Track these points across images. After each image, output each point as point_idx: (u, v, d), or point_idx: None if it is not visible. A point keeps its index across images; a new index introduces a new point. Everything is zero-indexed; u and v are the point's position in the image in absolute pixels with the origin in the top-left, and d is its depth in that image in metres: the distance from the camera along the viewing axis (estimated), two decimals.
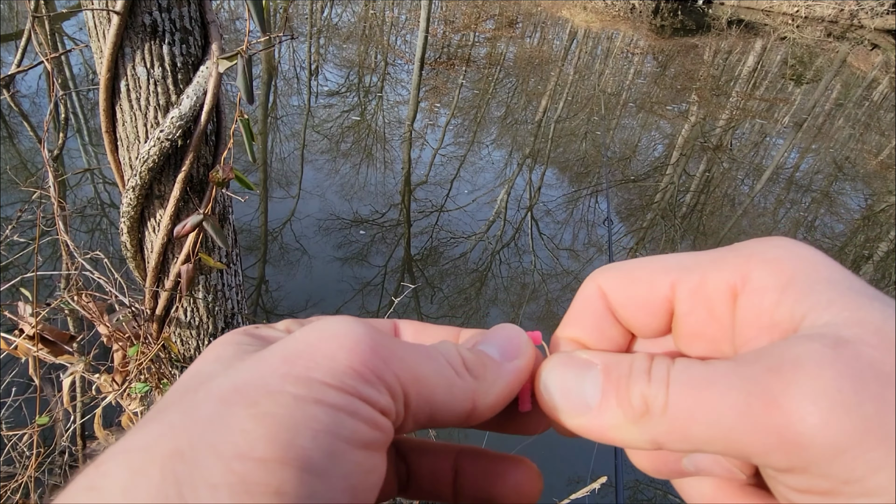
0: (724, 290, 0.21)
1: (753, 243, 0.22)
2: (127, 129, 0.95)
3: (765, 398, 0.17)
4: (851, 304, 0.18)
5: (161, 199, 1.00)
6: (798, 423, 0.16)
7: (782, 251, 0.21)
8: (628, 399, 0.20)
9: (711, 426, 0.18)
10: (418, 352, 0.22)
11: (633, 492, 2.53)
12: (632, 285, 0.24)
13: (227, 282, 1.17)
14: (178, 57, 0.91)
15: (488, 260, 3.94)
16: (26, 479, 1.24)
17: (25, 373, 1.42)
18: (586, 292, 0.25)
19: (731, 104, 8.44)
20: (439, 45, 8.92)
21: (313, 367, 0.18)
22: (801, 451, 0.17)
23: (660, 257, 0.24)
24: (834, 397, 0.16)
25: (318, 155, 4.81)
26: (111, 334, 1.14)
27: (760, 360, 0.18)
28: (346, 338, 0.20)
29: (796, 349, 0.18)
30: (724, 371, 0.19)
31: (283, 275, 3.38)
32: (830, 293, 0.19)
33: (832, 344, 0.17)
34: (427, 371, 0.21)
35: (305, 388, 0.18)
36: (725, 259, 0.22)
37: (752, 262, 0.21)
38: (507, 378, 0.24)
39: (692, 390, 0.19)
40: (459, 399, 0.22)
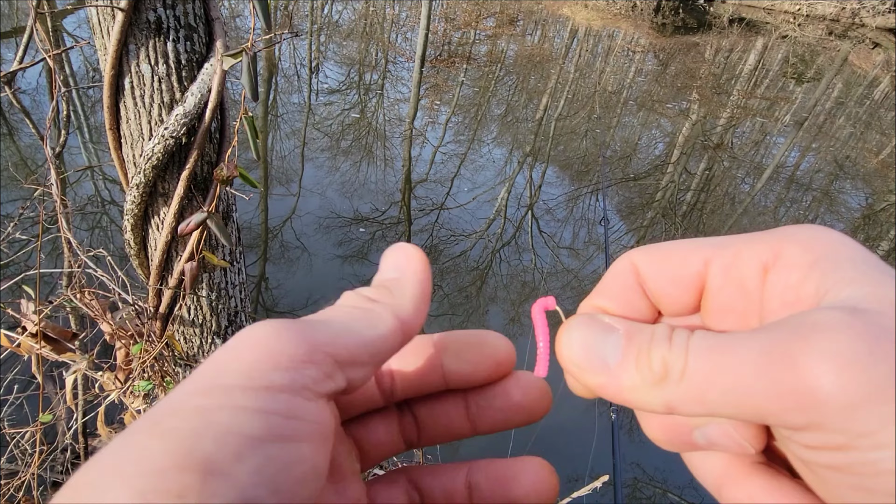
0: (756, 266, 0.22)
1: (786, 227, 0.23)
2: (131, 126, 0.95)
3: (783, 359, 0.18)
4: (871, 281, 0.19)
5: (165, 197, 1.00)
6: (815, 380, 0.17)
7: (813, 233, 0.22)
8: (648, 362, 0.21)
9: (729, 390, 0.19)
10: (325, 313, 0.23)
11: (632, 489, 2.53)
12: (665, 261, 0.25)
13: (230, 280, 1.17)
14: (182, 54, 0.91)
15: (488, 258, 3.94)
16: (29, 476, 1.24)
17: (27, 371, 1.42)
18: (619, 267, 0.26)
19: (731, 102, 8.43)
20: (440, 42, 8.91)
21: (220, 374, 0.19)
22: (818, 408, 0.17)
23: (693, 239, 0.25)
24: (849, 357, 0.17)
25: (319, 153, 4.81)
26: (114, 332, 1.14)
27: (780, 326, 0.19)
28: (254, 336, 0.20)
29: (815, 315, 0.19)
30: (743, 338, 0.20)
31: (283, 272, 3.38)
32: (853, 271, 0.20)
33: (850, 312, 0.18)
34: (337, 324, 0.22)
35: (210, 397, 0.18)
36: (759, 238, 0.23)
37: (784, 242, 0.22)
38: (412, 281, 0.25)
39: (712, 355, 0.20)
40: (383, 324, 0.23)
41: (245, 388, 0.18)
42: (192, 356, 1.22)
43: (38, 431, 1.19)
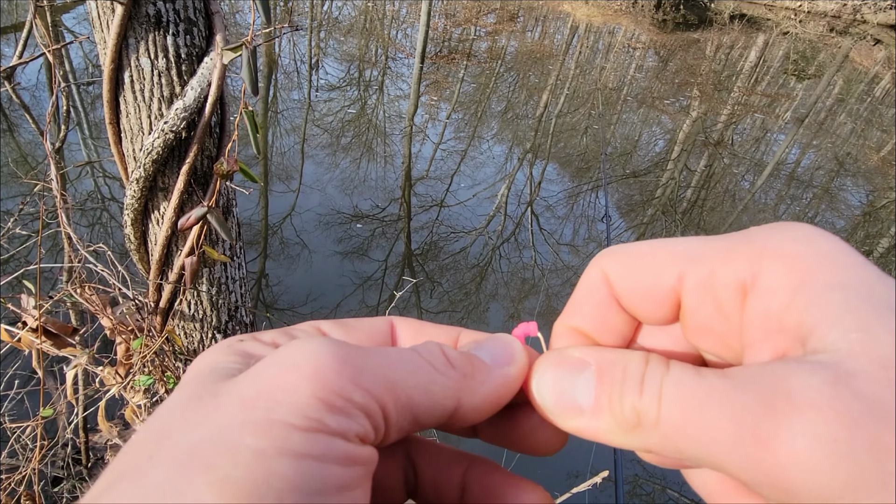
0: (733, 287, 0.20)
1: (770, 232, 0.21)
2: (131, 120, 0.94)
3: (756, 435, 0.16)
4: (863, 321, 0.17)
5: (165, 192, 1.00)
6: (789, 468, 0.16)
7: (800, 247, 0.19)
8: (621, 410, 0.20)
9: (702, 448, 0.18)
10: (389, 356, 0.21)
11: (633, 486, 2.54)
12: (637, 274, 0.23)
13: (230, 275, 1.17)
14: (182, 48, 0.90)
15: (488, 255, 3.94)
16: (29, 471, 1.25)
17: (27, 366, 1.42)
18: (590, 279, 0.24)
19: (732, 99, 8.42)
20: (440, 39, 8.89)
21: (274, 407, 0.17)
22: (790, 496, 0.16)
23: (667, 242, 0.23)
24: (829, 446, 0.15)
25: (319, 149, 4.80)
26: (114, 327, 1.14)
27: (756, 385, 0.17)
28: (306, 364, 0.18)
29: (794, 382, 0.17)
30: (717, 391, 0.18)
31: (283, 269, 3.38)
32: (843, 305, 0.18)
33: (832, 380, 0.16)
34: (401, 373, 0.20)
35: (266, 437, 0.17)
36: (737, 251, 0.20)
37: (764, 258, 0.20)
38: (497, 381, 0.23)
39: (684, 408, 0.18)
40: (440, 397, 0.21)
41: (302, 431, 0.17)
42: (193, 350, 1.22)
43: (39, 426, 1.19)
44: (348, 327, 0.26)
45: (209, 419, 0.17)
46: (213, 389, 0.19)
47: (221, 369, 0.20)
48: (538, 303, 3.59)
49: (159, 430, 0.18)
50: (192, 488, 0.15)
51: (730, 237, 0.21)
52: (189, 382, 0.20)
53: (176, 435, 0.17)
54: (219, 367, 0.21)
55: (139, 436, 0.18)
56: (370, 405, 0.19)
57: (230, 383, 0.19)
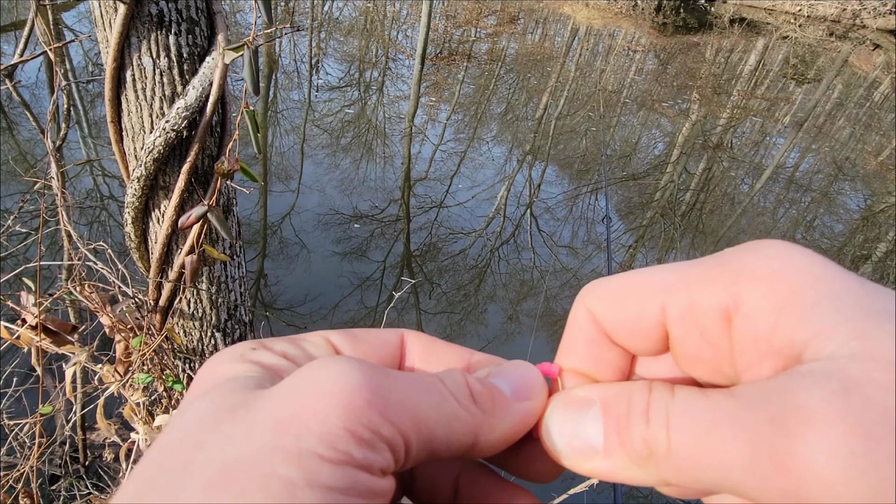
0: (715, 315, 0.20)
1: (743, 254, 0.20)
2: (132, 119, 0.95)
3: (771, 455, 0.16)
4: (858, 328, 0.17)
5: (166, 190, 1.00)
6: (808, 485, 0.15)
7: (776, 264, 0.19)
8: (630, 443, 0.20)
9: (718, 474, 0.18)
10: (418, 386, 0.21)
11: (630, 488, 2.54)
12: (622, 310, 0.23)
13: (230, 273, 1.18)
14: (184, 47, 0.91)
15: (487, 256, 3.94)
16: (27, 468, 1.25)
17: (25, 363, 1.42)
18: (577, 318, 0.24)
19: (732, 103, 8.44)
20: (440, 40, 8.90)
21: (305, 434, 0.18)
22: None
23: (645, 274, 0.22)
24: (846, 459, 0.15)
25: (318, 149, 4.80)
26: (114, 325, 1.14)
27: (764, 402, 0.17)
28: (339, 393, 0.19)
29: (802, 395, 0.16)
30: (726, 413, 0.18)
31: (282, 269, 3.38)
32: (834, 315, 0.17)
33: (840, 391, 0.16)
34: (427, 408, 0.20)
35: (297, 467, 0.17)
36: (713, 277, 0.20)
37: (741, 282, 0.19)
38: (515, 418, 0.23)
39: (695, 434, 0.18)
40: (460, 433, 0.21)
41: (331, 463, 0.17)
42: (192, 349, 1.23)
43: (38, 423, 1.19)
44: (358, 339, 0.26)
45: (243, 439, 0.18)
46: (243, 401, 0.19)
47: (245, 379, 0.21)
48: (536, 305, 3.59)
49: (192, 440, 0.18)
50: None
51: (704, 262, 0.21)
52: (215, 391, 0.20)
53: (209, 449, 0.18)
54: (241, 377, 0.21)
55: (169, 440, 0.19)
56: (395, 439, 0.19)
57: (263, 398, 0.19)
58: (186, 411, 0.20)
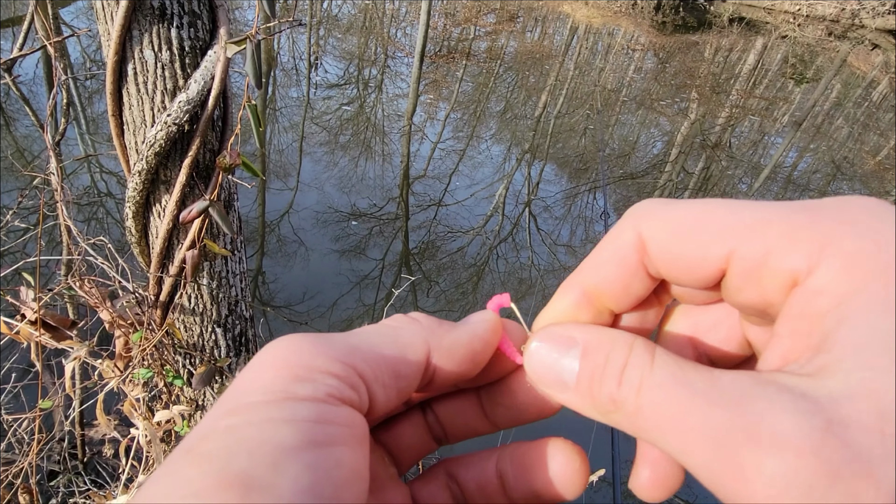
0: (783, 278, 0.19)
1: (838, 214, 0.18)
2: (133, 112, 0.94)
3: (734, 462, 0.16)
4: (879, 362, 0.16)
5: (167, 185, 1.00)
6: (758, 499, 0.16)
7: (867, 243, 0.18)
8: (599, 397, 0.20)
9: (676, 452, 0.18)
10: (352, 332, 0.22)
11: (627, 485, 2.55)
12: (681, 244, 0.21)
13: (231, 269, 1.17)
14: (185, 41, 0.90)
15: (486, 255, 3.94)
16: (26, 464, 1.24)
17: (25, 359, 1.42)
18: (620, 239, 0.23)
19: (730, 102, 8.45)
20: (440, 38, 8.89)
21: (245, 393, 0.19)
22: None
23: (717, 206, 0.21)
24: (804, 493, 0.15)
25: (317, 147, 4.80)
26: (114, 320, 1.14)
27: (743, 407, 0.17)
28: (272, 353, 0.20)
29: (783, 418, 0.16)
30: (701, 403, 0.17)
31: (280, 267, 3.37)
32: (873, 334, 0.16)
33: (823, 426, 0.15)
34: (366, 336, 0.22)
35: (235, 415, 0.18)
36: (798, 238, 0.19)
37: (826, 252, 0.18)
38: (463, 329, 0.24)
39: (664, 413, 0.18)
40: (408, 344, 0.22)
41: (269, 402, 0.18)
42: (193, 345, 1.22)
43: (38, 419, 1.19)
44: None
45: (198, 424, 0.19)
46: None
47: None
48: (535, 303, 3.59)
49: None
50: (177, 469, 0.17)
51: (792, 210, 0.19)
52: None
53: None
54: None
55: None
56: (335, 367, 0.20)
57: None
58: None
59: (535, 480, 0.24)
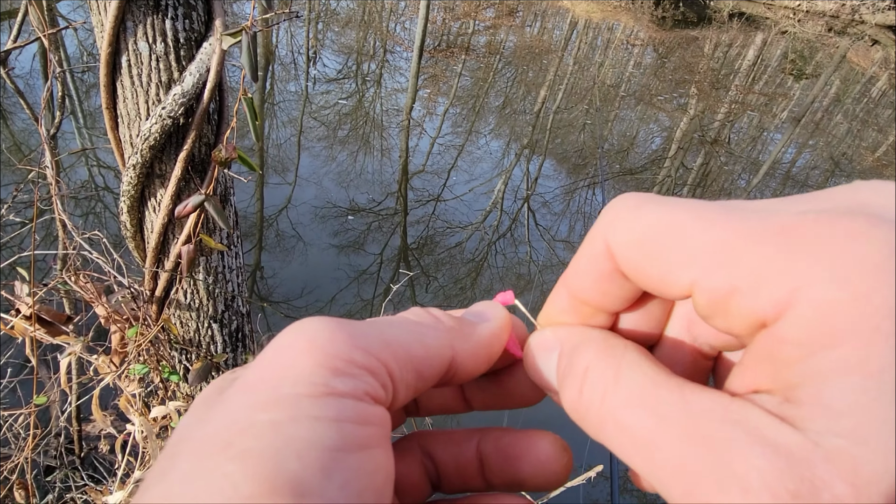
0: (750, 320, 0.17)
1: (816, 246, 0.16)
2: (128, 105, 0.93)
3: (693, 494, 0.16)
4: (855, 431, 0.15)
5: (162, 179, 0.99)
6: None
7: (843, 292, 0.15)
8: (565, 400, 0.21)
9: (646, 474, 0.18)
10: (380, 321, 0.21)
11: (624, 481, 2.55)
12: (644, 264, 0.20)
13: (227, 264, 1.16)
14: (180, 32, 0.89)
15: (484, 250, 3.94)
16: (22, 459, 1.24)
17: (20, 354, 1.41)
18: (593, 250, 0.22)
19: (730, 98, 8.44)
20: (439, 32, 8.85)
21: (278, 385, 0.17)
22: None
23: (684, 220, 0.18)
24: None
25: (315, 142, 4.78)
26: (109, 316, 1.13)
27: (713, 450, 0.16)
28: (301, 340, 0.19)
29: (754, 472, 0.15)
30: (670, 432, 0.17)
31: (278, 262, 3.36)
32: (844, 399, 0.15)
33: (793, 490, 0.14)
34: (395, 332, 0.21)
35: (277, 409, 0.17)
36: (765, 276, 0.16)
37: (795, 298, 0.15)
38: (484, 330, 0.24)
39: (629, 434, 0.18)
40: (436, 347, 0.22)
41: (312, 397, 0.17)
42: (189, 340, 1.22)
43: (32, 414, 1.18)
44: None
45: (222, 411, 0.18)
46: (219, 391, 0.20)
47: (221, 386, 0.21)
48: (533, 298, 3.59)
49: (177, 439, 0.19)
50: (216, 466, 0.16)
51: (765, 234, 0.16)
52: (195, 404, 0.21)
53: (192, 434, 0.18)
54: (217, 386, 0.21)
55: (162, 452, 0.19)
56: (372, 363, 0.19)
57: (237, 379, 0.19)
58: (171, 437, 0.20)
59: (519, 470, 0.25)
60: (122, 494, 1.15)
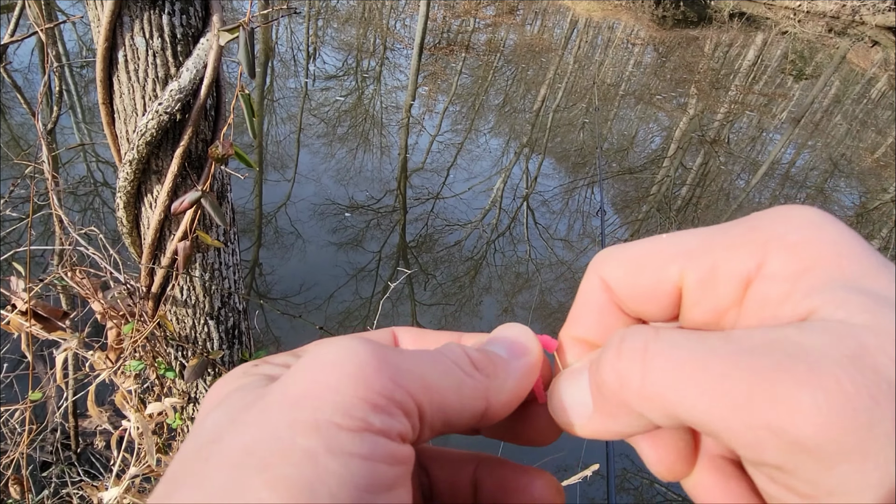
0: (736, 279, 0.20)
1: (774, 217, 0.20)
2: (124, 101, 0.93)
3: (770, 395, 0.16)
4: (871, 307, 0.17)
5: (158, 175, 0.98)
6: (800, 424, 0.15)
7: (807, 233, 0.19)
8: (602, 378, 0.20)
9: (694, 409, 0.17)
10: (423, 358, 0.21)
11: (621, 480, 2.56)
12: (637, 276, 0.22)
13: (224, 260, 1.16)
14: (177, 28, 0.89)
15: (483, 248, 3.94)
16: (18, 455, 1.24)
17: (16, 350, 1.40)
18: (588, 287, 0.24)
19: (729, 98, 8.43)
20: (439, 30, 8.84)
21: (319, 407, 0.18)
22: (794, 453, 0.16)
23: (665, 239, 0.22)
24: (847, 412, 0.15)
25: (315, 139, 4.77)
26: (105, 311, 1.13)
27: (768, 347, 0.17)
28: (348, 362, 0.19)
29: (813, 342, 0.16)
30: (721, 349, 0.17)
31: (277, 259, 3.36)
32: (849, 293, 0.17)
33: (854, 348, 0.16)
34: (435, 376, 0.21)
35: (316, 437, 0.17)
36: (740, 244, 0.20)
37: (769, 248, 0.19)
38: (518, 374, 0.23)
39: (677, 368, 0.18)
40: (471, 399, 0.21)
41: (349, 431, 0.17)
42: (185, 337, 1.21)
43: (28, 410, 1.18)
44: None
45: (259, 420, 0.18)
46: (255, 396, 0.20)
47: (254, 382, 0.21)
48: (531, 297, 3.59)
49: (210, 436, 0.19)
50: (251, 488, 0.16)
51: (731, 226, 0.21)
52: (227, 399, 0.21)
53: (228, 438, 0.18)
54: (250, 383, 0.21)
55: (189, 445, 0.19)
56: (409, 404, 0.19)
57: (274, 385, 0.19)
58: (203, 422, 0.20)
59: (510, 502, 0.25)
60: (117, 490, 1.15)
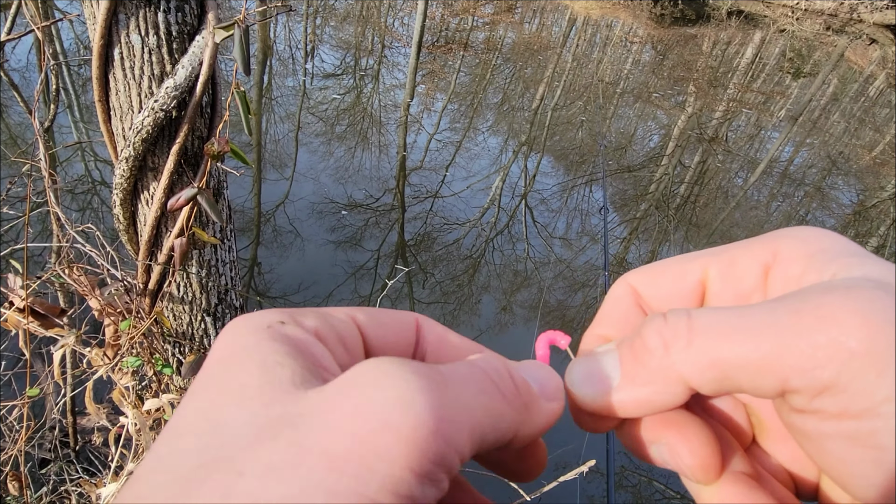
0: (756, 269, 0.22)
1: (780, 229, 0.23)
2: (120, 98, 0.93)
3: (812, 314, 0.18)
4: (879, 269, 0.19)
5: (155, 172, 0.99)
6: (847, 335, 0.17)
7: (809, 231, 0.22)
8: (643, 344, 0.21)
9: (750, 352, 0.18)
10: (472, 388, 0.19)
11: (619, 478, 2.56)
12: (662, 276, 0.25)
13: (220, 257, 1.17)
14: (173, 25, 0.89)
15: (482, 247, 3.94)
16: (16, 452, 1.24)
17: (13, 347, 1.41)
18: (617, 292, 0.26)
19: (728, 96, 8.44)
20: (437, 28, 8.83)
21: (364, 478, 0.16)
22: (846, 364, 0.17)
23: (689, 253, 0.25)
24: (884, 318, 0.17)
25: (313, 137, 4.77)
26: (103, 308, 1.13)
27: (804, 292, 0.19)
28: (403, 425, 0.17)
29: (847, 280, 0.19)
30: (761, 306, 0.19)
31: (275, 257, 3.36)
32: (857, 258, 0.20)
33: (881, 286, 0.18)
34: (481, 415, 0.19)
35: (362, 496, 0.15)
36: (755, 242, 0.23)
37: (780, 240, 0.22)
38: (549, 416, 0.22)
39: (722, 320, 0.19)
40: (504, 430, 0.20)
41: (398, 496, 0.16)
42: (182, 333, 1.22)
43: (25, 406, 1.18)
44: (379, 322, 0.24)
45: (291, 476, 0.16)
46: (286, 415, 0.17)
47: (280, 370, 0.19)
48: (530, 295, 3.60)
49: (228, 459, 0.16)
50: None
51: (747, 240, 0.24)
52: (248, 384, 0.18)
53: (250, 478, 0.16)
54: (274, 369, 0.19)
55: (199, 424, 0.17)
56: (456, 463, 0.18)
57: (311, 417, 0.17)
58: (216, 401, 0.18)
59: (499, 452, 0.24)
60: (115, 487, 1.16)
